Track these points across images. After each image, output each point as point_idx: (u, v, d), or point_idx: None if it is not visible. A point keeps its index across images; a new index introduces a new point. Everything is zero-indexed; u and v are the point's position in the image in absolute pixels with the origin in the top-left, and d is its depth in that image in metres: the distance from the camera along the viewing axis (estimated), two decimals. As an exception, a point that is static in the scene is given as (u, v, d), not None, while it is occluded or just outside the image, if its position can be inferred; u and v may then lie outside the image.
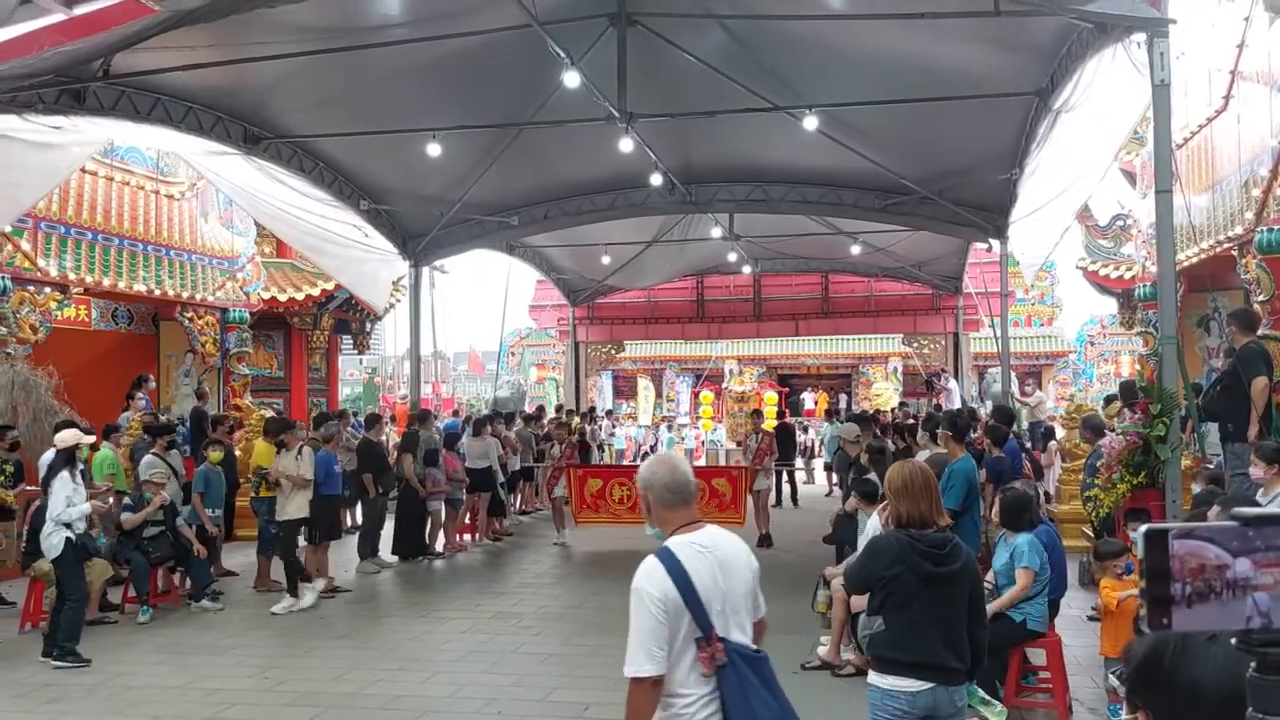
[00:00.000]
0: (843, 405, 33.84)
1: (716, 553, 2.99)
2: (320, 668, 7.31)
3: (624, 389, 38.27)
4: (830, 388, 37.07)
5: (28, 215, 11.01)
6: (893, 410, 19.66)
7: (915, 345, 24.16)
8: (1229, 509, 1.51)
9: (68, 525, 7.43)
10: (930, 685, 3.71)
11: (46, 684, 6.98)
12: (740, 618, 2.99)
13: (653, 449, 24.84)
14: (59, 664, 7.26)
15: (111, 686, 6.91)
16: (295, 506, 9.46)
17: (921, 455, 8.81)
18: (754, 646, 2.99)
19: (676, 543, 2.96)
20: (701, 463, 23.86)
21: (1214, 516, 5.51)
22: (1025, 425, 15.93)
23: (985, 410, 15.22)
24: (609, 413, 26.69)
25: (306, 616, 9.12)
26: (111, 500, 8.74)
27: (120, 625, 8.65)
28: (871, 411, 20.75)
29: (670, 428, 27.18)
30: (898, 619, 3.77)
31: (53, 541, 7.47)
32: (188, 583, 9.72)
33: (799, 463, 18.79)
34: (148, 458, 9.41)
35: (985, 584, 5.73)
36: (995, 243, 15.02)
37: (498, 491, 14.03)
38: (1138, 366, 17.20)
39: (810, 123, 11.08)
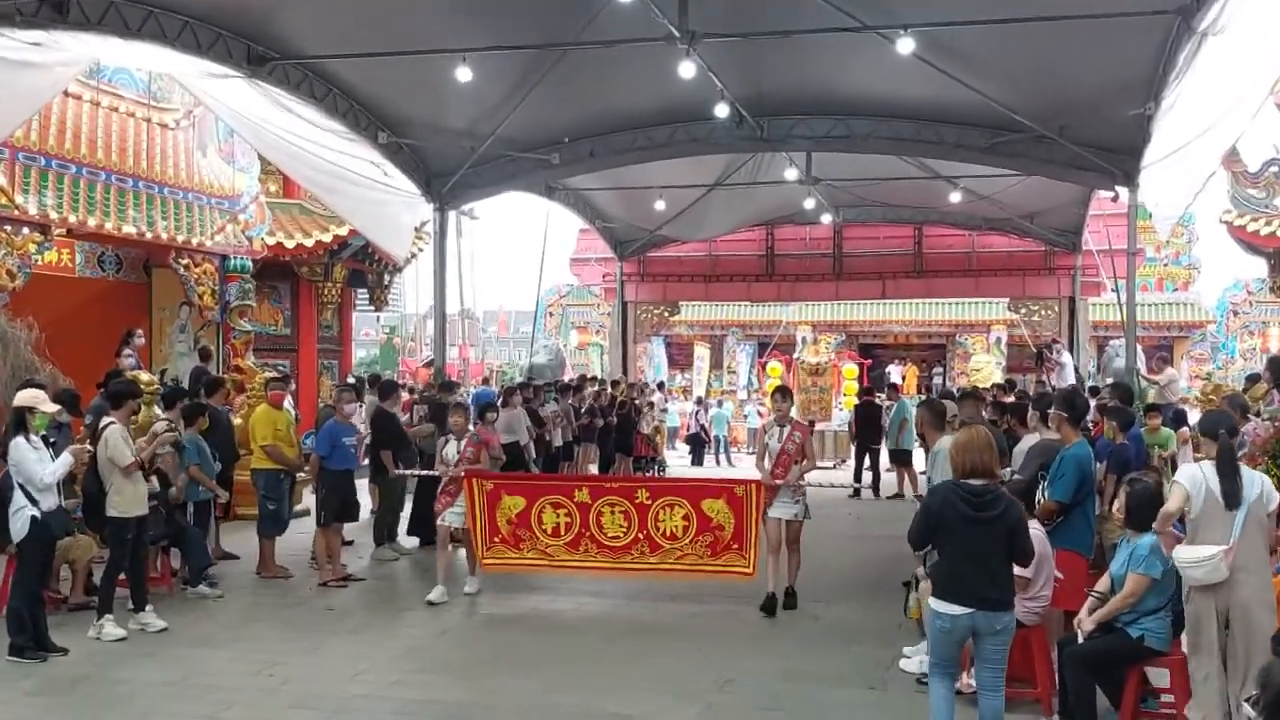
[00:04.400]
0: (936, 381, 33.54)
1: None
2: (330, 666, 7.46)
3: (679, 358, 38.26)
4: (921, 360, 36.72)
5: (4, 145, 11.23)
6: (994, 387, 19.41)
7: (1023, 312, 23.88)
8: None
9: (34, 502, 7.56)
10: (968, 610, 5.25)
11: (26, 674, 7.22)
12: None
13: (704, 430, 24.82)
14: (10, 658, 7.46)
15: (98, 680, 7.13)
16: (125, 500, 8.27)
17: (1029, 440, 8.72)
18: None
19: None
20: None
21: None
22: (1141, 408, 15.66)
23: (1104, 389, 14.98)
24: (661, 384, 26.72)
25: (315, 609, 9.30)
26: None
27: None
28: (969, 387, 20.50)
29: (720, 403, 27.06)
30: (945, 551, 5.43)
31: (18, 522, 7.61)
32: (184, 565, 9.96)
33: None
34: (160, 423, 9.57)
35: (1098, 593, 6.03)
36: (1123, 190, 14.76)
37: (529, 469, 14.17)
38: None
39: (905, 45, 10.91)
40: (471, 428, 10.14)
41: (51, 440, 8.14)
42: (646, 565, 9.01)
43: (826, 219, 21.72)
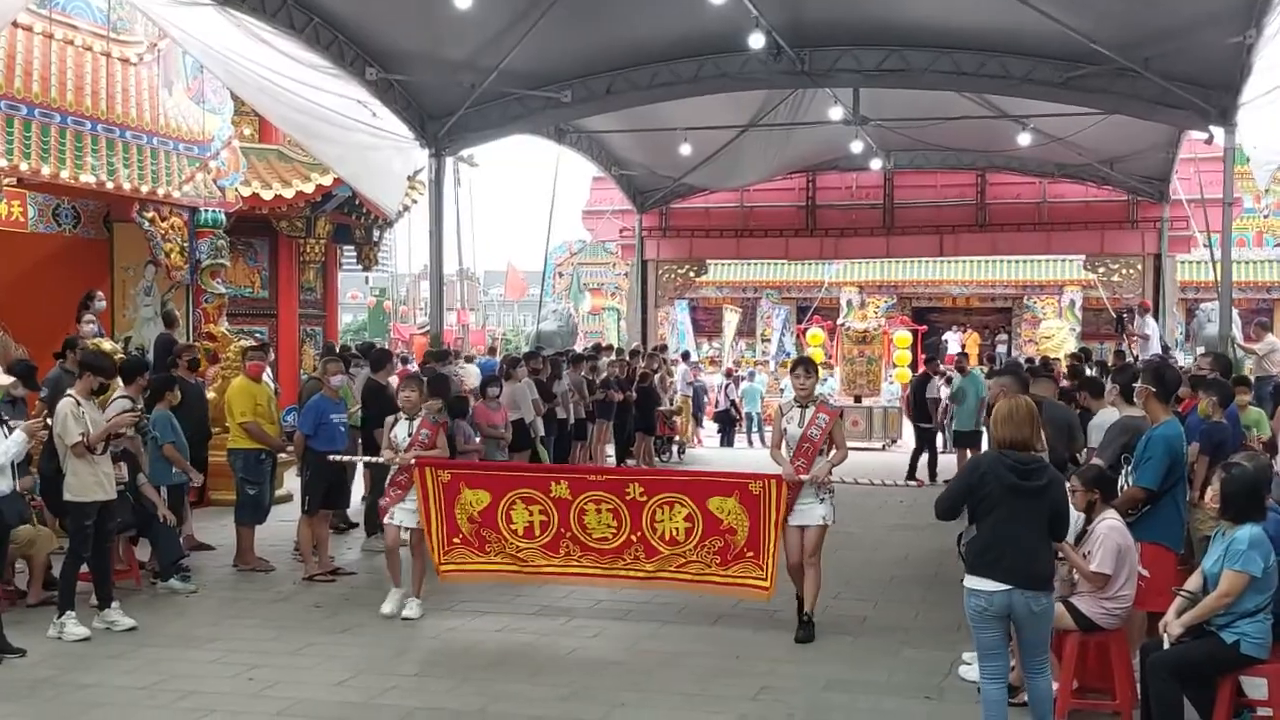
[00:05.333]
0: (1000, 350, 33.42)
1: None
2: (318, 669, 7.56)
3: (705, 323, 38.29)
4: (984, 326, 36.61)
5: (-54, 84, 11.30)
6: (1069, 358, 19.36)
7: (1101, 271, 23.72)
8: None
9: None
10: (1007, 587, 5.52)
11: (-20, 677, 7.34)
12: None
13: (734, 406, 24.83)
14: None
15: (60, 684, 7.24)
16: (82, 483, 8.32)
17: (1106, 416, 8.71)
18: None
19: None
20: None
21: None
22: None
23: (1194, 358, 14.93)
24: (685, 355, 26.75)
25: (301, 606, 9.41)
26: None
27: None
28: (1040, 358, 20.46)
29: (752, 376, 27.06)
30: (984, 524, 5.67)
31: None
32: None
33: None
34: (120, 401, 9.66)
35: (1187, 592, 6.01)
36: (1218, 131, 14.62)
37: (537, 450, 14.24)
38: None
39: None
40: (425, 409, 9.33)
41: (4, 417, 8.22)
42: (642, 573, 8.56)
43: (876, 165, 21.61)
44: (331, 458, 10.00)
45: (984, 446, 15.67)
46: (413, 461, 8.87)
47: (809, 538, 8.23)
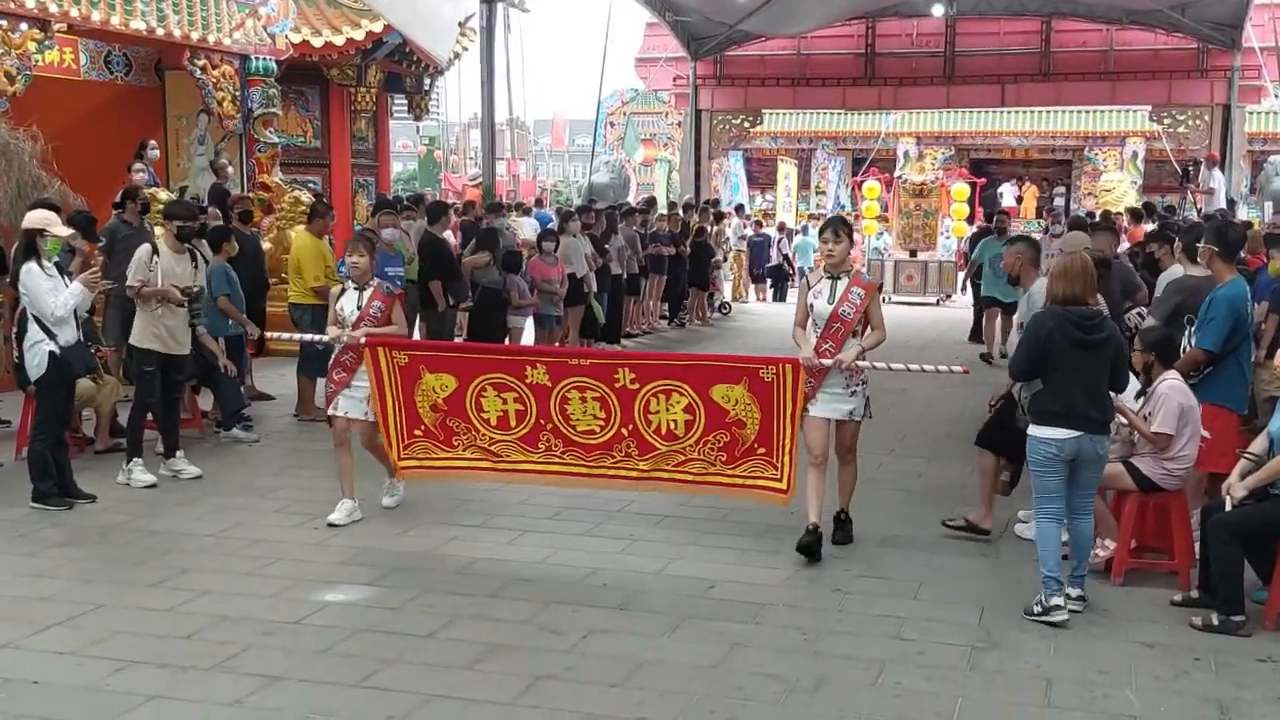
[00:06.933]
0: (1059, 203, 32.81)
1: None
2: (380, 521, 7.68)
3: (759, 176, 37.77)
4: (1043, 179, 35.89)
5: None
6: (1128, 211, 18.97)
7: (1167, 122, 23.08)
8: None
9: (51, 336, 7.74)
10: (1076, 434, 5.87)
11: (52, 523, 7.54)
12: None
13: (787, 261, 24.59)
14: (35, 505, 7.80)
15: (130, 530, 7.43)
16: (140, 330, 8.54)
17: (1172, 273, 8.51)
18: None
19: None
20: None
21: None
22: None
23: (1260, 212, 14.54)
24: (739, 208, 26.43)
25: (362, 457, 9.46)
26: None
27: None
28: (1100, 212, 20.06)
29: (805, 230, 26.69)
30: (1051, 377, 5.96)
31: (35, 359, 7.82)
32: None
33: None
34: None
35: (1251, 454, 5.99)
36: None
37: (591, 306, 14.24)
38: None
39: None
40: (376, 279, 8.03)
41: (66, 268, 8.28)
42: (635, 473, 7.25)
43: (938, 10, 21.08)
44: (269, 335, 9.29)
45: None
46: (362, 341, 7.48)
47: (842, 433, 7.12)
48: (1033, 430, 6.00)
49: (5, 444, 9.44)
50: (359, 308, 7.63)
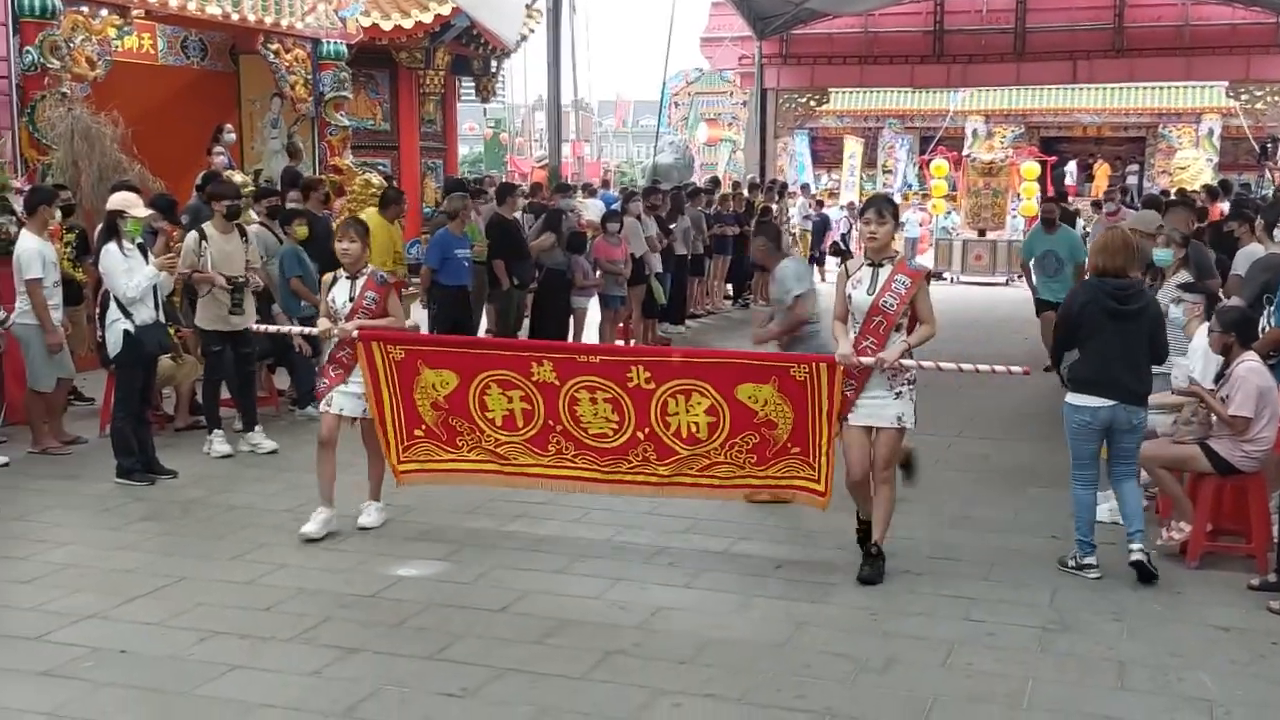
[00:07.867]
0: (1131, 181, 32.25)
1: None
2: (450, 498, 7.74)
3: (825, 155, 37.50)
4: (1115, 157, 35.29)
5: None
6: (1203, 189, 18.60)
7: (1245, 98, 22.67)
8: None
9: (128, 315, 7.93)
10: (1111, 403, 6.05)
11: (136, 498, 7.74)
12: None
13: (844, 239, 24.39)
14: (119, 480, 8.05)
15: (210, 505, 7.61)
16: (205, 312, 8.88)
17: (1252, 251, 8.35)
18: None
19: None
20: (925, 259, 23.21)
21: None
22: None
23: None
24: (804, 187, 26.28)
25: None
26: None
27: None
28: (1175, 190, 19.70)
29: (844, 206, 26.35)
30: (1088, 347, 6.13)
31: (112, 337, 8.06)
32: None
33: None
34: (255, 227, 9.87)
35: None
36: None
37: (652, 287, 14.25)
38: None
39: None
40: (370, 266, 7.31)
41: (150, 249, 8.49)
42: (656, 478, 6.75)
43: (1009, -14, 20.70)
44: (258, 327, 8.55)
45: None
46: (354, 334, 6.95)
47: (881, 445, 6.24)
48: (1069, 398, 6.23)
49: (90, 421, 9.70)
50: (352, 298, 7.07)
